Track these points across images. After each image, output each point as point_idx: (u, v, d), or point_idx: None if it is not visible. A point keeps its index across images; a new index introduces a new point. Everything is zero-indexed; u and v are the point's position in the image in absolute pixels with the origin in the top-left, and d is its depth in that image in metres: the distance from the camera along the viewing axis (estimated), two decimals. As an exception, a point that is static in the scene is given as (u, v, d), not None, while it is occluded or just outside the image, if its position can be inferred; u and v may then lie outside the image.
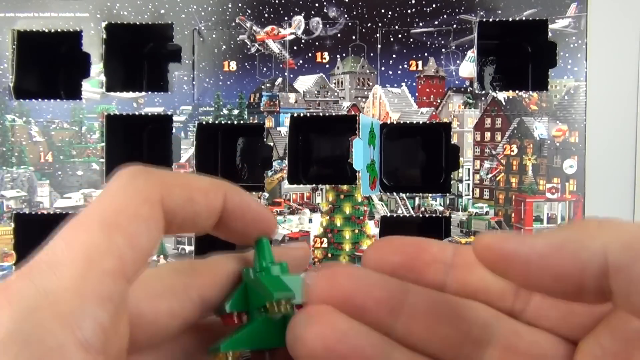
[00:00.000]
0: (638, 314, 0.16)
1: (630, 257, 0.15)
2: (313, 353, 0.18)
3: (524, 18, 0.60)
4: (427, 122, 0.63)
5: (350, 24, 0.62)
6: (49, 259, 0.18)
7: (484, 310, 0.20)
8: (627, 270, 0.15)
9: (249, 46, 0.63)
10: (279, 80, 0.64)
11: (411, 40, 0.62)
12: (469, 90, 0.63)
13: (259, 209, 0.23)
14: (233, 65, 0.63)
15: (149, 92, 0.65)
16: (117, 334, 0.18)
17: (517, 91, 0.62)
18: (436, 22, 0.62)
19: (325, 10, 0.62)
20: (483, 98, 0.63)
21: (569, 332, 0.19)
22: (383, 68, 0.63)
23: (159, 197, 0.20)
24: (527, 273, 0.17)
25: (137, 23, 0.63)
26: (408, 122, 0.63)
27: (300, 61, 0.63)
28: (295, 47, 0.63)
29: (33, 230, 0.62)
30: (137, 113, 0.64)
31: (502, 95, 0.62)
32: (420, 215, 0.63)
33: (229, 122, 0.64)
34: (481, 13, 0.61)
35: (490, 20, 0.61)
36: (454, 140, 0.63)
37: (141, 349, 0.21)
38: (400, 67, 0.63)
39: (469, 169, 0.63)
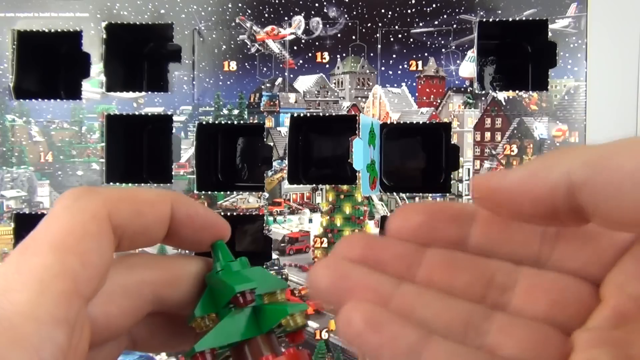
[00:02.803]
0: (608, 224, 0.17)
1: (590, 172, 0.17)
2: (319, 287, 0.19)
3: (524, 18, 0.60)
4: (427, 122, 0.63)
5: (350, 24, 0.62)
6: (0, 285, 0.17)
7: (506, 262, 0.20)
8: (589, 183, 0.17)
9: (249, 46, 0.63)
10: (279, 80, 0.64)
11: (411, 40, 0.62)
12: (469, 90, 0.63)
13: (208, 214, 0.23)
14: (233, 65, 0.63)
15: (149, 92, 0.65)
16: (76, 352, 0.18)
17: (517, 91, 0.62)
18: (436, 22, 0.62)
19: (325, 10, 0.62)
20: (483, 98, 0.63)
21: (597, 272, 0.19)
22: (383, 68, 0.63)
23: (105, 213, 0.20)
24: (509, 201, 0.18)
25: (137, 23, 0.63)
26: (408, 122, 0.63)
27: (300, 61, 0.63)
28: (295, 47, 0.63)
29: (33, 230, 0.62)
30: (137, 113, 0.64)
31: (502, 95, 0.62)
32: (420, 215, 0.63)
33: (229, 122, 0.64)
34: (481, 13, 0.61)
35: (490, 20, 0.61)
36: (454, 140, 0.63)
37: (97, 346, 0.21)
38: (400, 67, 0.63)
39: (469, 169, 0.63)
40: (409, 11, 0.62)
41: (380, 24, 0.62)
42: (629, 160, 0.16)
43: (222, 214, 0.63)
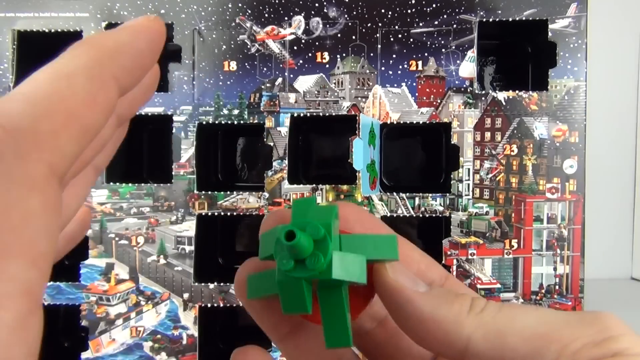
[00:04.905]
0: None
1: (487, 348, 0.18)
2: None
3: (524, 18, 0.60)
4: (427, 122, 0.63)
5: (350, 24, 0.62)
6: None
7: None
8: (482, 357, 0.18)
9: (249, 46, 0.63)
10: (279, 80, 0.64)
11: (411, 40, 0.62)
12: (469, 90, 0.63)
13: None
14: (233, 65, 0.63)
15: (149, 92, 0.65)
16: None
17: (517, 91, 0.62)
18: (436, 22, 0.62)
19: (325, 10, 0.62)
20: (483, 98, 0.63)
21: None
22: (383, 68, 0.63)
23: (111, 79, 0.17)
24: (406, 322, 0.20)
25: (137, 23, 0.63)
26: (408, 122, 0.63)
27: (300, 61, 0.63)
28: (295, 47, 0.63)
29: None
30: (137, 113, 0.64)
31: (502, 95, 0.62)
32: (420, 215, 0.63)
33: (229, 122, 0.64)
34: (481, 13, 0.61)
35: (490, 20, 0.61)
36: (454, 140, 0.63)
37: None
38: (400, 67, 0.63)
39: (469, 169, 0.63)
40: (409, 11, 0.62)
41: (380, 24, 0.62)
42: (521, 339, 0.17)
43: (222, 214, 0.63)
